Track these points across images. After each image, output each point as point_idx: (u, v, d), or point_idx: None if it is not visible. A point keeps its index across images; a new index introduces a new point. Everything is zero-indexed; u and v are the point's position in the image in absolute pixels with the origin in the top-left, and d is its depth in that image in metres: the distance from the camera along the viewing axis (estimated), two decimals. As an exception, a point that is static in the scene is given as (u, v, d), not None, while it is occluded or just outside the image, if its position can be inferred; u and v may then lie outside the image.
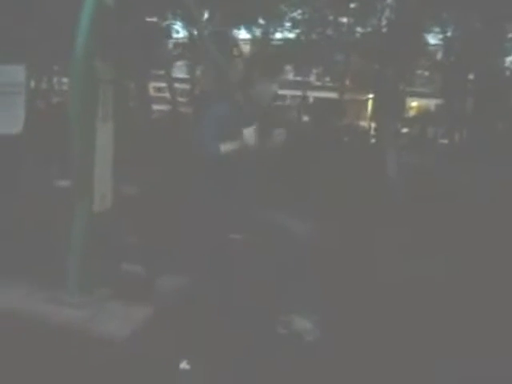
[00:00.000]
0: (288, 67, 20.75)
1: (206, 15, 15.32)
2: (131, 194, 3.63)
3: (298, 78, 21.84)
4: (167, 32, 15.96)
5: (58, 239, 2.86)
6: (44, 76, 14.67)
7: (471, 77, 14.30)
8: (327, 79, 21.62)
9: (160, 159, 6.94)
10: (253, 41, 18.96)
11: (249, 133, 2.36)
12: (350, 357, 2.34)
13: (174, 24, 16.03)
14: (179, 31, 16.72)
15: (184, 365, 2.27)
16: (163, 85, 19.83)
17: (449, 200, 6.35)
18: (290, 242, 2.34)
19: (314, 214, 3.14)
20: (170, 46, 18.58)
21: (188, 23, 16.12)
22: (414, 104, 25.94)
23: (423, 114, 22.67)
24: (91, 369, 2.19)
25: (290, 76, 22.98)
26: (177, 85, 21.33)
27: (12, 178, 4.42)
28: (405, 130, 18.41)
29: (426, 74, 20.10)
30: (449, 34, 14.46)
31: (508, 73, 13.89)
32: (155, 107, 18.83)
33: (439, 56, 17.09)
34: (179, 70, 23.93)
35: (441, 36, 14.88)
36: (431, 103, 23.33)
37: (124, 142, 3.03)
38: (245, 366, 2.22)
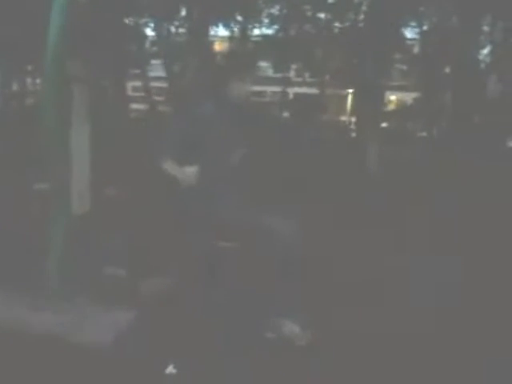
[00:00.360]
0: (267, 63, 20.74)
1: (183, 12, 15.18)
2: (112, 195, 3.54)
3: (278, 75, 21.82)
4: (143, 30, 15.75)
5: (37, 243, 2.77)
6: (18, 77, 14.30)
7: (448, 70, 14.47)
8: (307, 75, 21.63)
9: (140, 160, 6.81)
10: (231, 38, 18.85)
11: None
12: (341, 361, 2.29)
13: (150, 22, 15.80)
14: (155, 29, 16.50)
15: (170, 369, 2.22)
16: (139, 84, 19.65)
17: (430, 192, 6.43)
18: (275, 244, 2.28)
19: (299, 213, 3.10)
20: (147, 44, 18.33)
21: (165, 20, 15.97)
22: (393, 98, 26.22)
23: (402, 108, 22.93)
24: (73, 376, 2.13)
25: (269, 72, 22.97)
26: (154, 83, 21.14)
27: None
28: (384, 124, 18.58)
29: (404, 67, 20.28)
30: (425, 27, 14.61)
31: (484, 65, 14.09)
32: (133, 106, 18.62)
33: (416, 50, 17.25)
34: (156, 69, 23.70)
35: (417, 30, 15.02)
36: (409, 97, 23.58)
37: (102, 141, 2.94)
38: (232, 371, 2.17)
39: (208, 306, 2.40)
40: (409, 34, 16.06)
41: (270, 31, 17.56)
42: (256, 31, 18.49)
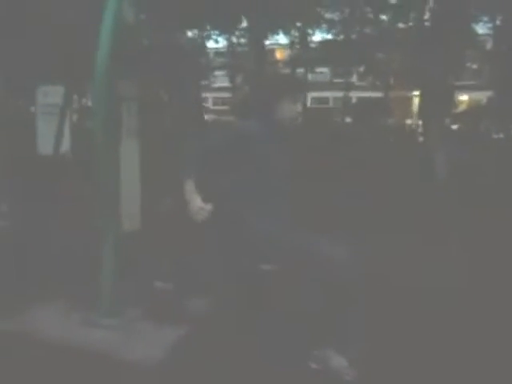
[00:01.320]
0: (328, 69, 20.43)
1: (244, 23, 15.36)
2: (162, 212, 3.56)
3: (340, 80, 21.45)
4: (202, 43, 16.08)
5: (90, 260, 2.83)
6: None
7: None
8: (370, 78, 21.03)
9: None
10: (291, 45, 18.82)
11: None
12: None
13: (212, 34, 16.13)
14: (218, 41, 16.83)
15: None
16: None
17: (505, 201, 5.86)
18: (328, 270, 2.11)
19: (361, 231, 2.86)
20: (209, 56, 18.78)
21: (226, 32, 16.25)
22: (464, 98, 24.80)
23: (474, 108, 21.58)
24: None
25: (331, 78, 22.65)
26: (218, 95, 21.55)
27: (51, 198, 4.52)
28: (455, 126, 17.57)
29: (475, 66, 19.14)
30: (498, 22, 13.67)
31: None
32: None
33: (489, 46, 16.22)
34: (219, 80, 24.19)
35: (489, 25, 14.11)
36: (482, 96, 22.18)
37: (152, 159, 2.96)
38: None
39: (251, 329, 2.30)
40: (480, 29, 15.13)
41: (330, 36, 17.32)
42: (316, 37, 18.34)
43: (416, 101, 21.59)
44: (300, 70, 19.17)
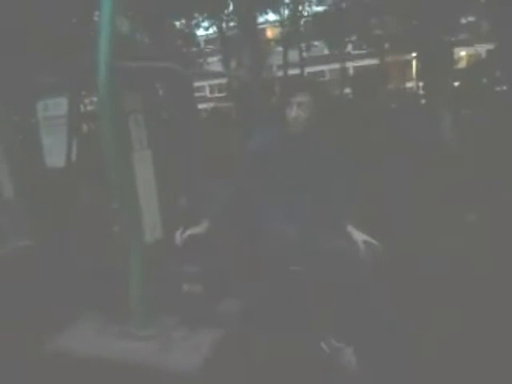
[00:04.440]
0: (322, 42, 20.09)
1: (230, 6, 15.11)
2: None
3: (335, 52, 21.13)
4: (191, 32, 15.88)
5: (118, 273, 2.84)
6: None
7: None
8: (364, 46, 20.66)
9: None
10: (281, 22, 18.52)
11: None
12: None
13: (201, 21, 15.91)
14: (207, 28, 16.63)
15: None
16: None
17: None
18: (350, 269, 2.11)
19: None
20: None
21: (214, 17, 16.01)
22: (463, 54, 24.31)
23: (474, 63, 21.14)
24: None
25: (326, 50, 22.29)
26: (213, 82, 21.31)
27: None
28: (456, 84, 17.25)
29: (471, 18, 18.67)
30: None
31: None
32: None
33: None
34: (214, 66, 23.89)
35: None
36: (481, 50, 21.74)
37: (167, 169, 2.94)
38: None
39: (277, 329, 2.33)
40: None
41: (319, 8, 17.01)
42: (306, 10, 18.00)
43: (415, 63, 21.24)
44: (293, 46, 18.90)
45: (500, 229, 3.77)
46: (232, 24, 17.00)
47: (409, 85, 21.06)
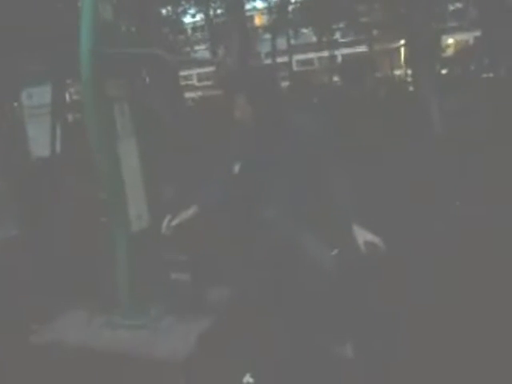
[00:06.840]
0: (310, 29, 19.98)
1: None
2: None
3: (322, 39, 21.01)
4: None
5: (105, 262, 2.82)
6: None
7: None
8: (352, 33, 20.63)
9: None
10: (269, 9, 18.37)
11: None
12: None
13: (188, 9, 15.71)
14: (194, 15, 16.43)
15: (247, 378, 2.19)
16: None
17: (502, 147, 5.71)
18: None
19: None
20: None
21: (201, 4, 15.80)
22: (451, 41, 24.36)
23: (462, 51, 21.22)
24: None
25: (314, 38, 22.13)
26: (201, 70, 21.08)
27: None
28: (444, 71, 17.30)
29: (459, 5, 18.70)
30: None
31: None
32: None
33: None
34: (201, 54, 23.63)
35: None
36: (469, 37, 21.81)
37: (155, 157, 2.91)
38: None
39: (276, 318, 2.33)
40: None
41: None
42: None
43: (404, 51, 21.23)
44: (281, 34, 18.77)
45: (495, 221, 3.79)
46: (219, 11, 16.81)
47: (397, 72, 21.09)
